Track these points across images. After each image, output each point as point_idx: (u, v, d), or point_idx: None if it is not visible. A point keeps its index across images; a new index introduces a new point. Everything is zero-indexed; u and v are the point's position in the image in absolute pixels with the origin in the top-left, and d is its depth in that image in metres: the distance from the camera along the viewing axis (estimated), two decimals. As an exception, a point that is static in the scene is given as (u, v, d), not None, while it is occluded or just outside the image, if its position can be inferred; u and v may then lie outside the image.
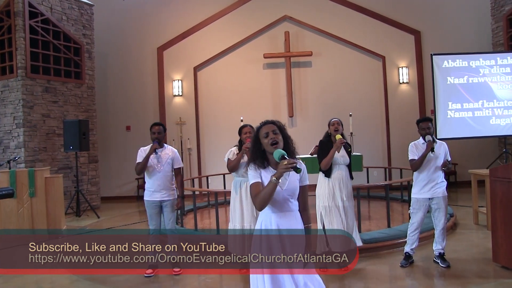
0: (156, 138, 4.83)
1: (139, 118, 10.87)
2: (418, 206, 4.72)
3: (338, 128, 4.74)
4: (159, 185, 4.80)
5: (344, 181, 4.74)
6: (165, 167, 4.82)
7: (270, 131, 2.60)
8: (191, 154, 11.11)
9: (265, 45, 11.13)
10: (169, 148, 4.98)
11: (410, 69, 10.96)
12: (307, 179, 2.68)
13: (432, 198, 4.66)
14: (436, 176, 4.64)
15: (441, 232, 4.71)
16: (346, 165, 4.79)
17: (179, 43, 11.18)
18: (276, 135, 2.60)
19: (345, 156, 4.77)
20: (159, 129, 4.88)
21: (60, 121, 9.18)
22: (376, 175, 10.25)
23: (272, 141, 2.57)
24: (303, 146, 4.93)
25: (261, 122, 2.70)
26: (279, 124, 2.68)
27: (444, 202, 4.67)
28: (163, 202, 4.83)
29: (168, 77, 11.19)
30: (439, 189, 4.65)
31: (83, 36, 9.88)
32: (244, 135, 4.74)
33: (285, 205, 2.59)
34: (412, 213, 4.78)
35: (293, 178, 2.60)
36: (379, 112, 11.02)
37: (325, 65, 11.07)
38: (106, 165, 10.87)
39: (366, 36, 10.99)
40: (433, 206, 4.69)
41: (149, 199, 4.83)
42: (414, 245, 4.80)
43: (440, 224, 4.69)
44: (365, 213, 7.54)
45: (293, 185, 2.60)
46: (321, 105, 10.92)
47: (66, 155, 9.29)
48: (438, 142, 4.69)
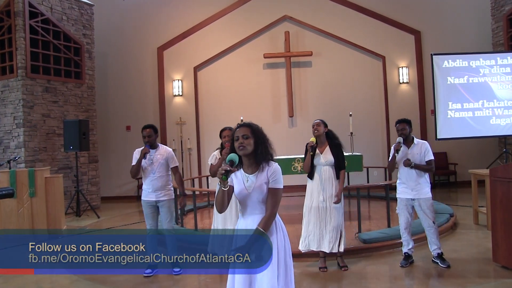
0: (147, 142, 4.77)
1: (139, 118, 10.86)
2: (401, 206, 4.78)
3: (318, 129, 4.71)
4: (153, 185, 4.78)
5: (326, 182, 4.68)
6: (159, 168, 4.79)
7: (240, 135, 2.61)
8: (191, 154, 11.12)
9: (265, 45, 11.13)
10: (163, 149, 4.91)
11: (410, 69, 10.96)
12: (279, 182, 2.63)
13: (414, 199, 4.69)
14: (415, 176, 4.66)
15: (432, 232, 4.70)
16: (332, 165, 4.72)
17: (179, 43, 11.18)
18: (247, 139, 2.60)
19: (328, 157, 4.70)
20: (149, 132, 4.78)
21: (60, 121, 9.18)
22: (376, 175, 10.26)
23: (239, 146, 2.60)
24: (303, 145, 4.89)
25: (238, 123, 2.73)
26: (255, 127, 2.68)
27: (426, 203, 4.66)
28: (158, 203, 4.82)
29: (168, 77, 11.19)
30: (420, 190, 4.67)
31: (83, 36, 9.88)
32: (224, 139, 4.70)
33: (253, 208, 2.62)
34: (399, 213, 4.82)
35: (260, 180, 2.61)
36: (379, 112, 11.03)
37: (325, 65, 11.07)
38: (106, 165, 10.88)
39: (366, 36, 10.98)
40: (416, 208, 4.72)
41: (145, 199, 4.84)
42: (410, 245, 4.81)
43: (427, 225, 4.69)
44: (365, 213, 7.52)
45: (260, 188, 2.60)
46: (321, 105, 10.93)
47: (66, 155, 9.29)
48: (418, 142, 4.75)
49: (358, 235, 5.67)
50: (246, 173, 2.65)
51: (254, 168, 2.64)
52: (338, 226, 4.70)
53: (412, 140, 4.78)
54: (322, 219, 4.69)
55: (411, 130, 4.81)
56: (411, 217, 4.79)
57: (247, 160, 2.65)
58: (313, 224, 4.71)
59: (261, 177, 2.61)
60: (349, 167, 7.70)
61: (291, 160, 7.80)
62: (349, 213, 7.47)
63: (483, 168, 7.10)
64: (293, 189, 8.32)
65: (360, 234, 5.66)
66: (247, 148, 2.60)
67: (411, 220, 4.80)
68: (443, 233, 5.90)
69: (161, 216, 4.87)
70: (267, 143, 2.68)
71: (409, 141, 4.77)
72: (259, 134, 2.66)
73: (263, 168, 2.63)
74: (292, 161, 7.79)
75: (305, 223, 4.78)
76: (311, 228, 4.72)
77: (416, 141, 4.77)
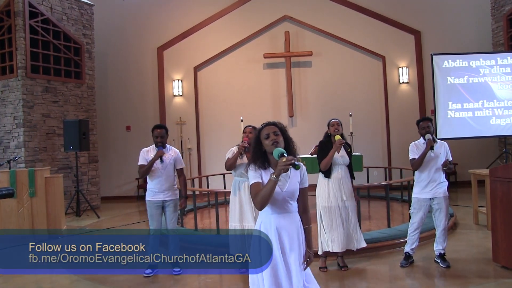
0: (160, 142, 4.77)
1: (139, 118, 10.88)
2: (418, 206, 4.71)
3: (338, 128, 4.71)
4: (162, 186, 4.78)
5: (344, 181, 4.70)
6: (168, 168, 4.81)
7: (271, 132, 2.60)
8: (191, 154, 11.09)
9: (265, 45, 11.12)
10: (172, 149, 4.94)
11: (410, 69, 10.95)
12: (307, 182, 2.69)
13: (433, 198, 4.66)
14: (437, 176, 4.64)
15: (442, 233, 4.70)
16: (346, 165, 4.77)
17: (179, 43, 11.18)
18: (277, 136, 2.59)
19: (345, 157, 4.74)
20: (162, 132, 4.80)
21: (60, 121, 9.18)
22: (376, 175, 10.24)
23: (273, 142, 2.57)
24: (303, 146, 4.95)
25: (262, 123, 2.70)
26: (281, 125, 2.68)
27: (445, 202, 4.66)
28: (165, 202, 4.82)
29: (168, 77, 11.18)
30: (440, 189, 4.65)
31: (83, 36, 9.88)
32: (244, 134, 4.70)
33: (284, 206, 2.59)
34: (413, 213, 4.78)
35: (294, 180, 2.61)
36: (379, 112, 11.01)
37: (325, 65, 11.06)
38: (106, 165, 10.87)
39: (366, 36, 10.98)
40: (434, 207, 4.68)
41: (151, 199, 4.81)
42: (414, 245, 4.79)
43: (441, 224, 4.68)
44: (365, 213, 7.52)
45: (293, 187, 2.60)
46: (321, 105, 10.92)
47: (66, 155, 9.29)
48: (438, 142, 4.70)
49: None
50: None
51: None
52: (356, 222, 4.78)
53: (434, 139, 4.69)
54: (344, 218, 4.69)
55: (434, 129, 4.76)
56: (425, 217, 4.76)
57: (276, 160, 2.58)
58: (337, 224, 4.67)
59: (295, 177, 2.62)
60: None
61: None
62: None
63: (483, 168, 7.11)
64: None
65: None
66: (280, 144, 2.58)
67: (424, 220, 4.78)
68: None
69: (166, 216, 4.88)
70: (292, 142, 2.69)
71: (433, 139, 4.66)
72: (286, 133, 2.67)
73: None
74: None
75: (326, 224, 4.70)
76: (334, 229, 4.67)
77: (438, 141, 4.71)
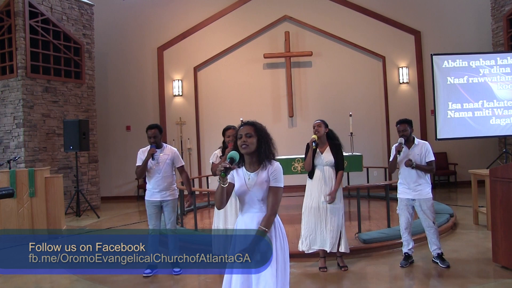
0: (153, 142, 4.78)
1: (139, 118, 10.87)
2: (401, 206, 4.78)
3: (318, 130, 4.72)
4: (159, 185, 4.79)
5: (327, 182, 4.69)
6: (164, 168, 4.81)
7: (244, 133, 2.64)
8: (191, 154, 11.10)
9: (265, 45, 11.12)
10: (168, 148, 4.94)
11: (410, 69, 10.96)
12: (279, 181, 2.65)
13: (414, 199, 4.70)
14: (416, 177, 4.67)
15: (432, 232, 4.70)
16: (332, 165, 4.74)
17: (179, 43, 11.16)
18: (250, 138, 2.63)
19: (328, 157, 4.72)
20: (155, 132, 4.79)
21: (60, 121, 9.17)
22: (376, 175, 10.28)
23: (242, 144, 2.62)
24: (303, 145, 4.89)
25: (241, 122, 2.75)
26: (259, 126, 2.71)
27: (427, 204, 4.66)
28: (163, 202, 4.83)
29: (168, 77, 11.18)
30: (421, 190, 4.68)
31: (83, 36, 9.87)
32: (227, 138, 4.68)
33: (252, 206, 2.65)
34: (399, 214, 4.82)
35: (261, 178, 2.64)
36: (379, 112, 11.03)
37: (325, 65, 11.06)
38: (106, 165, 10.87)
39: (366, 36, 10.98)
40: (416, 208, 4.72)
41: (149, 199, 4.83)
42: (410, 245, 4.81)
43: (427, 225, 4.69)
44: (365, 213, 7.53)
45: (260, 186, 2.63)
46: (321, 105, 10.93)
47: (66, 155, 9.28)
48: (418, 142, 4.75)
49: (358, 235, 5.66)
50: (248, 171, 2.68)
51: (256, 166, 2.67)
52: (339, 226, 4.71)
53: (413, 140, 4.77)
54: (322, 219, 4.69)
55: (412, 131, 4.81)
56: (412, 217, 4.79)
57: (249, 158, 2.68)
58: (314, 223, 4.71)
59: (262, 175, 2.64)
60: (349, 167, 7.76)
61: (291, 160, 7.77)
62: (349, 213, 7.46)
63: (483, 168, 7.10)
64: (293, 189, 8.34)
65: (360, 234, 5.65)
66: (250, 147, 2.62)
67: (411, 220, 4.80)
68: (443, 233, 5.89)
69: (164, 216, 4.89)
70: (270, 142, 2.70)
71: (410, 141, 4.77)
72: (262, 133, 2.68)
73: (264, 166, 2.65)
74: (292, 161, 7.76)
75: (304, 223, 4.78)
76: (312, 228, 4.71)
77: (417, 141, 4.77)
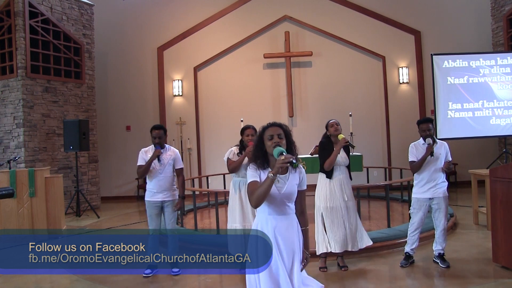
0: (158, 143, 4.79)
1: (139, 118, 10.88)
2: (418, 206, 4.72)
3: (338, 128, 4.74)
4: (160, 186, 4.79)
5: (345, 182, 4.75)
6: (166, 168, 4.82)
7: (275, 134, 2.59)
8: (191, 154, 11.11)
9: (265, 45, 11.13)
10: (171, 149, 4.95)
11: (410, 69, 10.96)
12: (305, 184, 2.69)
13: (432, 198, 4.66)
14: (436, 176, 4.65)
15: (442, 233, 4.70)
16: (346, 166, 4.81)
17: (179, 43, 11.18)
18: (281, 139, 2.58)
19: (346, 158, 4.79)
20: (160, 133, 4.80)
21: (60, 121, 9.18)
22: (376, 175, 10.27)
23: (275, 145, 2.55)
24: (303, 146, 4.94)
25: (268, 123, 2.68)
26: (286, 128, 2.67)
27: (445, 202, 4.66)
28: (164, 203, 4.83)
29: (168, 77, 11.18)
30: (440, 189, 4.66)
31: (83, 36, 9.88)
32: (247, 137, 4.64)
33: (282, 208, 2.59)
34: (413, 213, 4.78)
35: (292, 182, 2.61)
36: (379, 112, 11.03)
37: (325, 65, 11.07)
38: (106, 165, 10.88)
39: (366, 36, 10.98)
40: (434, 207, 4.69)
41: (150, 200, 4.83)
42: (414, 245, 4.80)
43: (441, 224, 4.68)
44: (365, 213, 7.53)
45: (291, 189, 2.60)
46: (321, 105, 10.93)
47: (66, 155, 9.29)
48: (438, 142, 4.69)
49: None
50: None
51: (284, 169, 2.51)
52: (358, 223, 4.83)
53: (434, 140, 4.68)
54: (347, 218, 4.72)
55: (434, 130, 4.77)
56: (425, 217, 4.77)
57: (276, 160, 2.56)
58: (339, 224, 4.69)
59: (294, 179, 2.62)
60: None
61: None
62: None
63: (483, 168, 7.11)
64: None
65: None
66: (282, 148, 2.56)
67: (424, 220, 4.79)
68: None
69: (165, 216, 4.89)
70: (294, 145, 2.68)
71: (433, 141, 4.66)
72: (289, 136, 2.66)
73: (293, 169, 2.61)
74: None
75: (329, 225, 4.72)
76: (336, 229, 4.69)
77: (438, 141, 4.71)
